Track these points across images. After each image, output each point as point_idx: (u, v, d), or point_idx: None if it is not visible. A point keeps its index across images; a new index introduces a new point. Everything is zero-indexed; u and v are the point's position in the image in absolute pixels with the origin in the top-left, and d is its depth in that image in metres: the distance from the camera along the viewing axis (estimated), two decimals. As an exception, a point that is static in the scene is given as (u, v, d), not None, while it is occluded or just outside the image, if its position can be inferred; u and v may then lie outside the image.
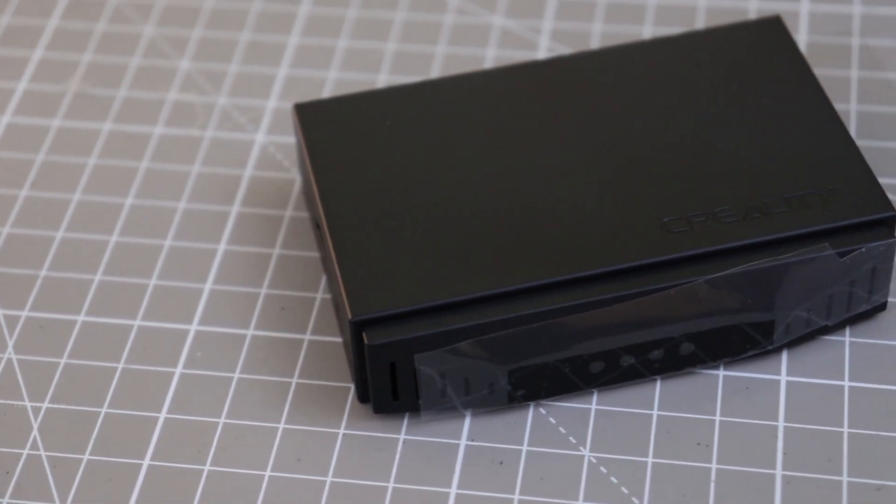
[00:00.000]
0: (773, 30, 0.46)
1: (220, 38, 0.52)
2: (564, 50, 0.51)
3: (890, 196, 0.45)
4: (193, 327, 0.44)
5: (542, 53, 0.51)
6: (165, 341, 0.43)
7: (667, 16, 0.51)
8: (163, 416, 0.42)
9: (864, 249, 0.41)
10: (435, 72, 0.50)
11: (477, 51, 0.51)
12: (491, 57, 0.51)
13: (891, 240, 0.41)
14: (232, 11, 0.53)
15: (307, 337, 0.43)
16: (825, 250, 0.40)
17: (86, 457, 0.41)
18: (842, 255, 0.40)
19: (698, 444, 0.40)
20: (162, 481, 0.40)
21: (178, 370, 0.43)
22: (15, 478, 0.40)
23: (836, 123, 0.43)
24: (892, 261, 0.41)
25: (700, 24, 0.51)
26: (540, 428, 0.41)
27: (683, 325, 0.41)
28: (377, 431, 0.41)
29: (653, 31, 0.51)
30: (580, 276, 0.40)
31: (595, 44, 0.51)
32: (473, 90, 0.45)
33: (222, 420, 0.41)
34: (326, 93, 0.50)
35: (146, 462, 0.41)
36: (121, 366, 0.43)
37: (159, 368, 0.43)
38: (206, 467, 0.40)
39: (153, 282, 0.45)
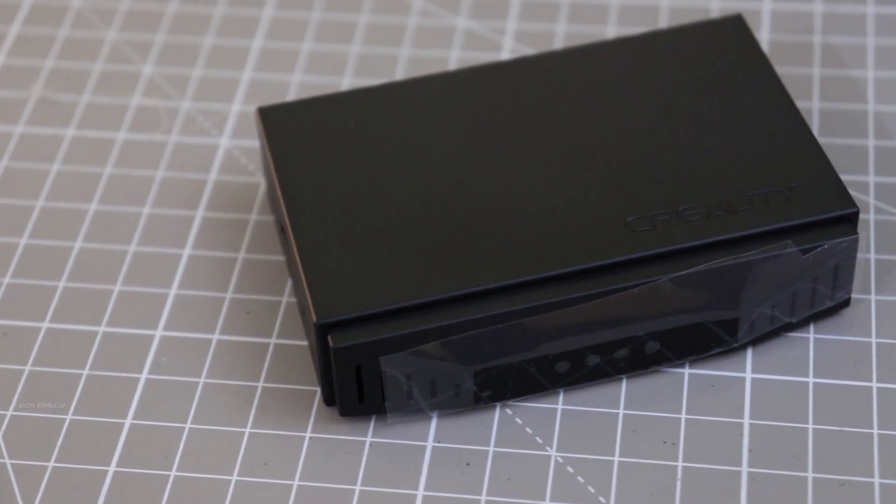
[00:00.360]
0: (734, 28, 0.46)
1: (184, 43, 0.52)
2: (528, 50, 0.51)
3: (852, 193, 0.45)
4: (158, 333, 0.43)
5: (505, 54, 0.51)
6: (130, 347, 0.43)
7: (630, 16, 0.52)
8: (128, 422, 0.41)
9: (826, 246, 0.41)
10: (399, 74, 0.50)
11: (441, 52, 0.51)
12: (455, 58, 0.51)
13: (853, 236, 0.41)
14: (195, 16, 0.53)
15: (273, 341, 0.43)
16: (788, 247, 0.40)
17: (51, 464, 0.41)
18: (805, 251, 0.41)
19: (664, 442, 0.40)
20: (128, 487, 0.40)
21: (144, 376, 0.42)
22: (-20, 486, 0.40)
23: (798, 121, 0.43)
24: (855, 257, 0.41)
25: (663, 23, 0.51)
26: (506, 428, 0.41)
27: (648, 324, 0.41)
28: (344, 434, 0.41)
29: (616, 31, 0.51)
30: (545, 277, 0.40)
31: (559, 44, 0.51)
32: (437, 92, 0.45)
33: (188, 425, 0.41)
34: (290, 96, 0.50)
35: (112, 468, 0.40)
36: (86, 372, 0.43)
37: (124, 374, 0.42)
38: (173, 473, 0.40)
39: (118, 287, 0.45)
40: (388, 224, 0.42)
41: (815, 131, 0.47)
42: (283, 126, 0.45)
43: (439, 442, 0.41)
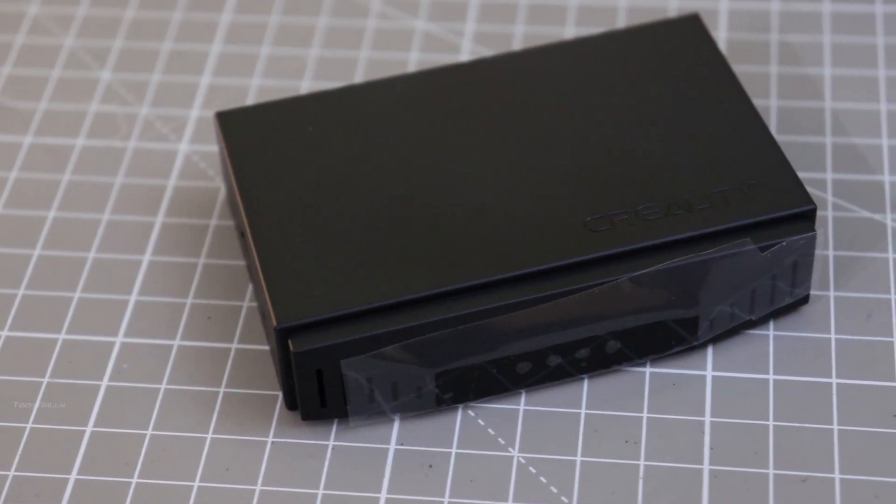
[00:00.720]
0: (691, 28, 0.46)
1: (142, 48, 0.52)
2: (487, 52, 0.51)
3: (810, 190, 0.45)
4: (119, 339, 0.43)
5: (464, 56, 0.51)
6: (91, 354, 0.43)
7: (588, 16, 0.52)
8: (89, 429, 0.41)
9: (784, 243, 0.41)
10: (358, 77, 0.50)
11: (400, 55, 0.51)
12: (414, 60, 0.51)
13: (811, 233, 0.41)
14: (153, 21, 0.53)
15: (234, 346, 0.43)
16: (746, 245, 0.41)
17: (11, 473, 0.40)
18: (763, 249, 0.41)
19: (626, 441, 0.40)
20: (90, 495, 0.40)
21: (105, 383, 0.42)
22: (-60, 496, 0.40)
23: (755, 119, 0.44)
24: (814, 254, 0.42)
25: (621, 23, 0.51)
26: (469, 430, 0.41)
27: (609, 324, 0.41)
28: (306, 438, 0.41)
29: (574, 32, 0.51)
30: (504, 278, 0.40)
31: (517, 45, 0.51)
32: (396, 94, 0.45)
33: (150, 432, 0.41)
34: (250, 100, 0.50)
35: (73, 476, 0.40)
36: (46, 380, 0.42)
37: (85, 382, 0.42)
38: (135, 480, 0.40)
39: (77, 294, 0.44)
40: (348, 227, 0.42)
41: (773, 129, 0.47)
42: (242, 130, 0.44)
43: (402, 444, 0.41)
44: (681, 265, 0.40)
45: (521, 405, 0.41)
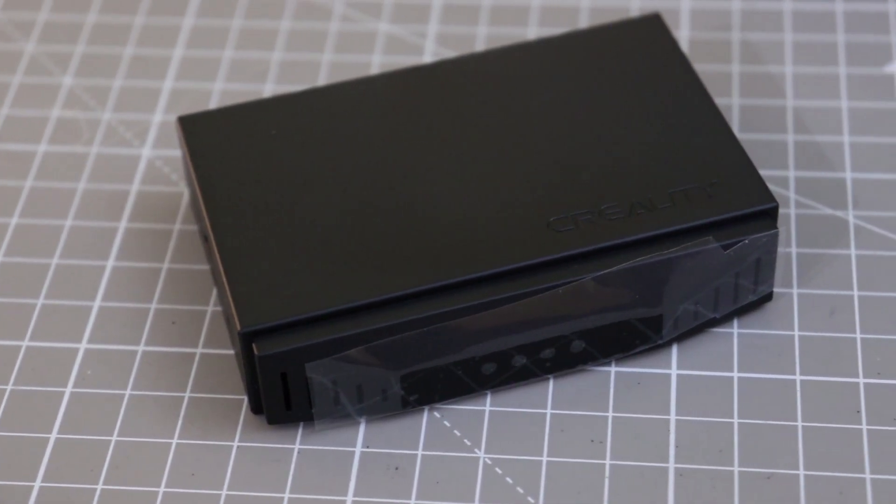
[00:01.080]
0: (653, 27, 0.46)
1: (104, 53, 0.51)
2: (450, 53, 0.51)
3: (772, 187, 0.45)
4: (83, 346, 0.43)
5: (428, 57, 0.51)
6: (55, 361, 0.43)
7: (550, 17, 0.52)
8: (53, 436, 0.41)
9: (747, 241, 0.41)
10: (322, 80, 0.50)
11: (363, 57, 0.51)
12: (377, 63, 0.51)
13: (773, 231, 0.41)
14: (114, 26, 0.52)
15: (199, 350, 0.43)
16: (709, 243, 0.41)
17: (-25, 481, 0.40)
18: (726, 247, 0.41)
19: (592, 440, 0.40)
20: (54, 502, 0.40)
21: (69, 389, 0.42)
22: None
23: (716, 118, 0.44)
24: (776, 251, 0.42)
25: (583, 23, 0.51)
26: (435, 432, 0.41)
27: (573, 323, 0.41)
28: (272, 442, 0.41)
29: (537, 32, 0.51)
30: (469, 279, 0.40)
31: (480, 46, 0.51)
32: (359, 96, 0.45)
33: (114, 438, 0.41)
34: (213, 104, 0.50)
35: (38, 484, 0.40)
36: (9, 388, 0.42)
37: (49, 389, 0.42)
38: (99, 486, 0.40)
39: (41, 301, 0.44)
40: (312, 230, 0.42)
41: (735, 128, 0.48)
42: (204, 134, 0.44)
43: (368, 447, 0.41)
44: (644, 264, 0.40)
45: (487, 406, 0.41)
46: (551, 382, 0.42)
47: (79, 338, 0.43)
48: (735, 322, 0.43)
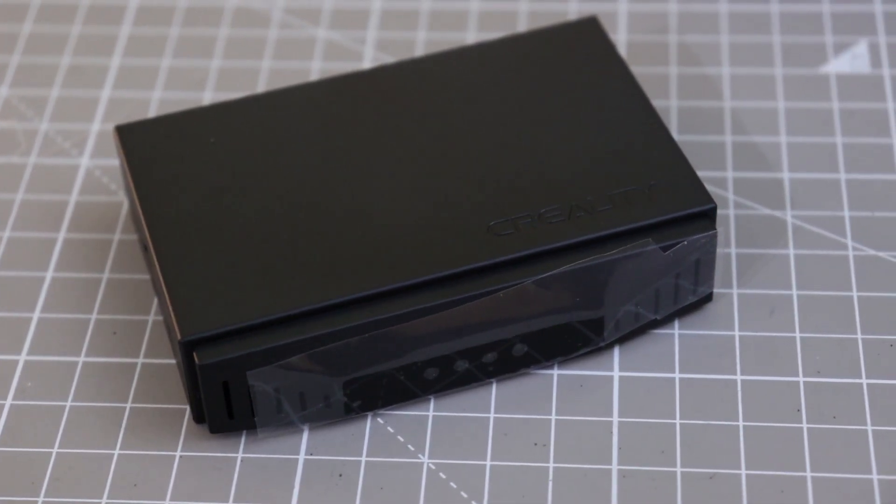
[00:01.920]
0: (590, 30, 0.46)
1: (40, 63, 0.51)
2: (390, 59, 0.51)
3: (711, 188, 0.46)
4: (23, 357, 0.43)
5: (367, 63, 0.51)
6: (-6, 373, 0.42)
7: (489, 21, 0.52)
8: (-6, 449, 0.41)
9: (686, 242, 0.41)
10: (261, 87, 0.50)
11: (302, 64, 0.51)
12: (317, 69, 0.51)
13: (712, 231, 0.41)
14: (51, 35, 0.52)
15: (140, 360, 0.43)
16: (648, 245, 0.41)
17: (-85, 496, 0.40)
18: (665, 248, 0.41)
19: (535, 444, 0.41)
20: (-5, 516, 0.40)
21: (8, 402, 0.42)
22: None
23: (654, 120, 0.44)
24: (715, 252, 0.42)
25: (522, 28, 0.52)
26: (378, 438, 0.41)
27: (515, 327, 0.41)
28: (214, 451, 0.41)
29: (476, 37, 0.51)
30: (409, 284, 0.40)
31: (420, 52, 0.51)
32: (298, 103, 0.45)
33: (55, 450, 0.41)
34: (152, 113, 0.49)
35: (-22, 497, 0.40)
36: (-52, 401, 0.42)
37: (-11, 401, 0.42)
38: (41, 499, 0.40)
39: (-21, 313, 0.44)
40: (251, 238, 0.41)
41: (674, 129, 0.48)
42: (143, 143, 0.44)
43: (311, 454, 0.41)
44: (584, 267, 0.41)
45: (430, 411, 0.41)
46: (494, 386, 0.42)
47: (18, 349, 0.43)
48: (676, 323, 0.43)
